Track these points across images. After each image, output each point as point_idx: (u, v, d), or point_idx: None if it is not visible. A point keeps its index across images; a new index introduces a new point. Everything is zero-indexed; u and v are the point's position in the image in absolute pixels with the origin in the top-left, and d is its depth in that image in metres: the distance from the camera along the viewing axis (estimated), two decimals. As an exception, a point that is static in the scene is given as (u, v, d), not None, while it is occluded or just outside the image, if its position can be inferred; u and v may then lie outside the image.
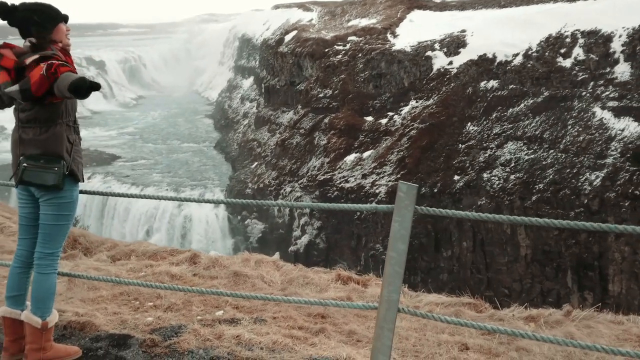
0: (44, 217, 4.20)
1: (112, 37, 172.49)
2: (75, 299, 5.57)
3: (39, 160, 4.01)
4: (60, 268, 6.58)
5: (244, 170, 49.90)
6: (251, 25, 77.47)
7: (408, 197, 3.52)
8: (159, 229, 44.47)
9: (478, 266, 34.15)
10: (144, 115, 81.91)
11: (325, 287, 5.90)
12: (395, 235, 3.54)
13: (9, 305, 4.37)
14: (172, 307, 5.38)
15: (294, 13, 62.06)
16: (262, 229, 43.17)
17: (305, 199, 40.60)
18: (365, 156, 39.47)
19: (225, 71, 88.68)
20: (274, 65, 52.93)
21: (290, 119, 47.16)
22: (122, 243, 7.91)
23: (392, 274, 3.56)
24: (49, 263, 4.26)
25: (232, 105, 68.85)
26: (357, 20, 50.83)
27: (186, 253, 6.84)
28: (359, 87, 42.79)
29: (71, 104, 4.16)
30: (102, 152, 58.39)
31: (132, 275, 6.32)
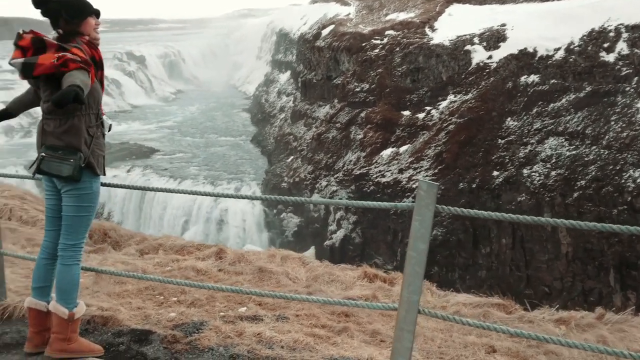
0: (65, 209, 4.23)
1: (152, 32, 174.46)
2: (102, 293, 5.58)
3: (58, 151, 4.04)
4: (89, 261, 6.65)
5: (279, 164, 49.97)
6: (289, 20, 77.52)
7: (429, 195, 3.40)
8: (196, 222, 44.81)
9: (517, 263, 33.61)
10: (182, 109, 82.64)
11: (351, 284, 5.80)
12: (415, 235, 3.43)
13: (35, 296, 4.41)
14: (196, 302, 5.35)
15: (331, 7, 61.86)
16: (297, 222, 43.20)
17: (341, 193, 40.48)
18: (402, 151, 39.15)
19: (263, 66, 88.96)
20: (311, 60, 52.84)
21: (327, 113, 47.03)
22: (150, 237, 7.93)
23: (412, 274, 3.45)
24: (72, 254, 4.28)
25: (268, 100, 69.01)
26: (395, 14, 50.43)
27: (212, 248, 6.82)
28: (396, 82, 42.44)
29: (92, 98, 4.15)
30: (142, 145, 59.03)
31: (158, 269, 6.32)
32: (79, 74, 3.82)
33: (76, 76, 3.78)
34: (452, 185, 35.18)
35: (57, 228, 4.35)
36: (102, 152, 4.30)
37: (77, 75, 3.80)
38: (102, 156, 4.30)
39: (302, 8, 77.49)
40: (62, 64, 3.82)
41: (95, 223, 8.37)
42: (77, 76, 3.78)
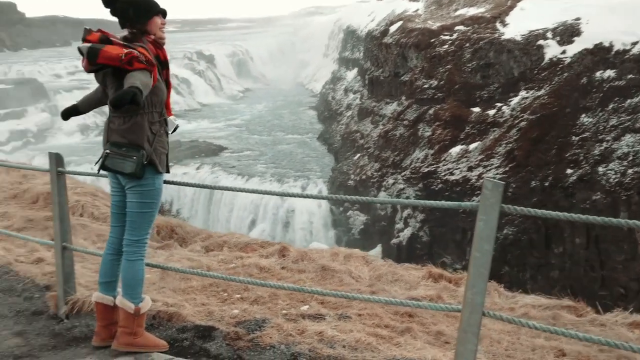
0: (129, 205, 4.31)
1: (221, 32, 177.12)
2: (167, 289, 5.66)
3: (121, 148, 4.11)
4: (156, 257, 6.76)
5: (346, 161, 49.92)
6: (356, 17, 77.34)
7: (494, 195, 3.28)
8: (264, 219, 45.24)
9: (592, 264, 32.58)
10: (250, 107, 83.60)
11: (415, 284, 5.70)
12: (479, 235, 3.31)
13: (102, 291, 4.50)
14: (259, 299, 5.35)
15: (399, 4, 61.33)
16: (364, 220, 43.07)
17: (409, 191, 40.14)
18: (472, 148, 38.52)
19: (330, 63, 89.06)
20: (378, 57, 52.54)
21: (394, 110, 46.69)
22: (216, 234, 8.02)
23: (476, 276, 3.34)
24: (136, 250, 4.35)
25: (335, 97, 69.02)
26: (464, 10, 49.62)
27: (276, 246, 6.83)
28: (465, 78, 41.77)
29: (156, 97, 4.20)
30: (210, 143, 59.98)
31: (222, 266, 6.36)
32: (141, 74, 3.87)
33: (137, 77, 3.82)
34: (523, 184, 34.41)
35: (122, 224, 4.42)
36: (165, 150, 4.35)
37: (139, 76, 3.84)
38: (165, 154, 4.35)
39: (370, 5, 77.14)
40: (127, 61, 3.87)
41: (163, 220, 8.52)
42: (138, 77, 3.82)
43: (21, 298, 5.45)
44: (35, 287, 5.65)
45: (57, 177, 4.94)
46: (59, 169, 4.94)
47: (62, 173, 4.95)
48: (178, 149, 57.01)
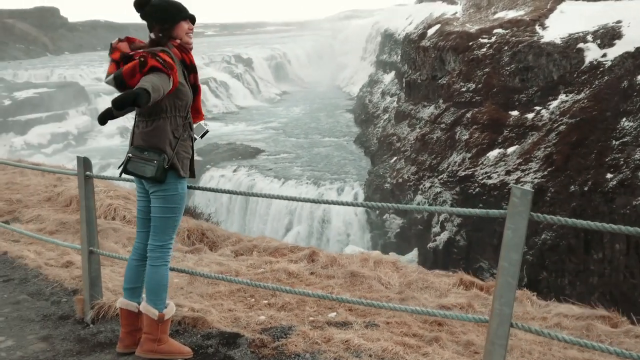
0: (153, 210, 4.28)
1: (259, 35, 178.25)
2: (195, 294, 5.63)
3: (143, 152, 4.09)
4: (185, 262, 6.75)
5: (382, 164, 49.71)
6: (394, 20, 77.18)
7: (522, 203, 3.16)
8: (299, 222, 45.30)
9: (632, 270, 31.82)
10: (287, 110, 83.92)
11: (446, 292, 5.58)
12: (508, 244, 3.20)
13: (126, 296, 4.48)
14: (286, 306, 5.29)
15: (437, 7, 61.07)
16: (400, 224, 42.83)
17: (445, 194, 39.81)
18: (510, 152, 38.01)
19: (367, 66, 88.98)
20: (416, 60, 52.27)
21: (431, 113, 46.38)
22: (246, 238, 7.99)
23: (504, 286, 3.23)
24: (159, 255, 4.31)
25: (372, 100, 68.86)
26: (503, 13, 49.10)
27: (305, 250, 6.76)
28: (504, 81, 41.28)
29: (180, 101, 4.17)
30: (247, 146, 60.32)
31: (251, 271, 6.33)
32: (154, 76, 3.83)
33: (148, 79, 3.79)
34: (562, 188, 33.83)
35: (148, 229, 4.40)
36: (188, 154, 4.30)
37: (151, 78, 3.81)
38: (189, 159, 4.31)
39: (408, 8, 76.97)
40: (142, 65, 3.85)
41: (194, 223, 8.52)
42: (149, 79, 3.79)
43: (49, 302, 5.47)
44: (63, 291, 5.68)
45: (84, 181, 4.95)
46: (86, 172, 4.96)
47: (90, 177, 4.96)
48: (215, 151, 57.47)
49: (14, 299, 5.60)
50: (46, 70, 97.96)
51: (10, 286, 5.92)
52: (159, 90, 3.81)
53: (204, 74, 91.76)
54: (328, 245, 43.16)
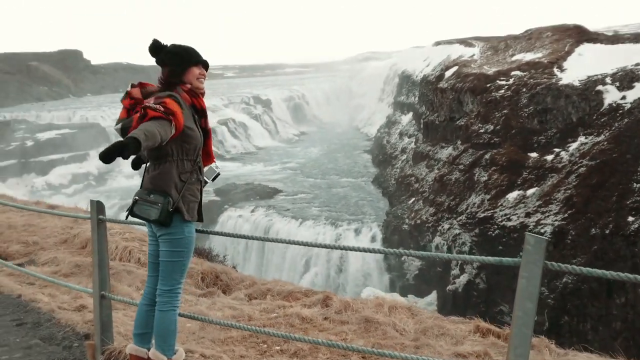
0: (160, 254, 4.27)
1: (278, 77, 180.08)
2: (207, 339, 5.56)
3: (149, 194, 4.08)
4: (198, 305, 6.68)
5: (401, 205, 49.54)
6: (411, 62, 77.66)
7: (536, 250, 3.10)
8: (317, 263, 45.07)
9: (655, 315, 31.23)
10: (305, 150, 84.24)
11: (462, 339, 5.45)
12: (522, 293, 3.12)
13: (136, 342, 4.42)
14: (299, 352, 5.20)
15: (455, 49, 61.41)
16: (419, 265, 42.45)
17: (464, 236, 39.51)
18: (529, 194, 37.74)
19: (385, 107, 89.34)
20: (434, 101, 52.48)
21: (449, 154, 46.34)
22: (260, 281, 7.92)
23: (519, 336, 3.14)
24: (167, 300, 4.27)
25: (390, 141, 68.99)
26: (521, 55, 49.32)
27: (319, 295, 6.68)
28: (522, 123, 41.23)
29: (188, 144, 4.16)
30: (265, 186, 60.43)
31: (264, 315, 6.24)
32: (151, 123, 3.84)
33: (143, 126, 3.80)
34: (583, 231, 33.42)
35: (157, 274, 4.36)
36: (196, 198, 4.27)
37: (146, 124, 3.82)
38: (196, 202, 4.28)
39: (425, 50, 77.44)
40: (143, 116, 3.87)
41: (208, 265, 8.47)
42: (144, 126, 3.80)
43: (60, 347, 5.42)
44: (75, 336, 5.63)
45: (97, 225, 4.94)
46: (99, 216, 4.94)
47: (103, 221, 4.95)
48: (233, 191, 57.65)
49: (25, 343, 5.56)
50: (68, 111, 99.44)
51: (22, 330, 5.88)
52: (154, 136, 3.79)
53: (223, 114, 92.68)
54: (346, 287, 42.82)
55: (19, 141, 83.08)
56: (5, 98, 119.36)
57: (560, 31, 50.19)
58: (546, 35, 50.77)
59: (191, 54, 4.25)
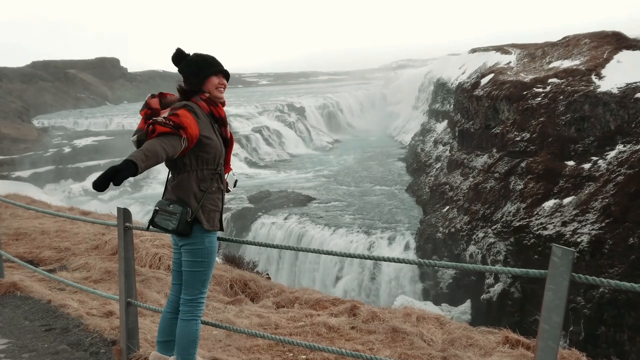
0: (183, 264, 4.27)
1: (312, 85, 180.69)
2: (233, 347, 5.53)
3: (169, 205, 4.08)
4: (226, 313, 6.67)
5: (435, 214, 49.19)
6: (447, 70, 77.26)
7: (563, 263, 3.00)
8: (350, 271, 44.93)
9: (694, 326, 30.45)
10: (339, 158, 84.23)
11: (490, 350, 5.34)
12: (548, 306, 3.04)
13: (159, 350, 4.43)
14: (324, 362, 5.14)
15: (491, 56, 60.94)
16: (452, 274, 42.05)
17: (499, 245, 39.07)
18: (566, 202, 37.17)
19: (420, 115, 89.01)
20: (469, 109, 52.12)
21: (485, 162, 45.93)
22: (288, 289, 7.88)
23: (545, 349, 3.06)
24: (189, 309, 4.26)
25: (424, 149, 68.64)
26: (558, 62, 48.74)
27: (347, 303, 6.62)
28: (559, 131, 40.69)
29: (206, 153, 4.12)
30: (299, 193, 60.53)
31: (291, 324, 6.20)
32: (156, 141, 3.83)
33: (146, 146, 3.79)
34: (620, 240, 32.78)
35: (181, 282, 4.36)
36: (217, 207, 4.24)
37: (151, 144, 3.81)
38: (217, 211, 4.25)
39: (461, 57, 76.95)
40: (151, 132, 3.87)
41: (237, 273, 8.46)
42: (147, 146, 3.79)
43: (87, 353, 5.45)
44: (102, 342, 5.65)
45: (124, 232, 4.95)
46: (126, 224, 4.95)
47: (129, 228, 4.96)
48: (267, 199, 57.86)
49: (54, 349, 5.60)
50: (105, 118, 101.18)
51: (51, 336, 5.93)
52: (156, 155, 3.76)
53: (257, 122, 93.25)
54: (379, 295, 42.62)
55: (57, 147, 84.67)
56: (44, 105, 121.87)
57: (599, 38, 49.48)
58: (584, 42, 50.09)
59: (210, 63, 4.24)
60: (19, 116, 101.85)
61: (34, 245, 9.87)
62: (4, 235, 10.39)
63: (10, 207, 13.04)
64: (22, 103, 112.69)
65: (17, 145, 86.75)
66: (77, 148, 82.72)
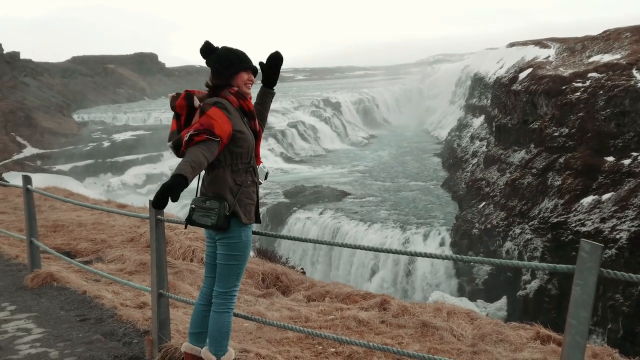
0: (218, 257, 4.30)
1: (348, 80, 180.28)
2: (263, 339, 5.58)
3: (205, 201, 4.12)
4: (257, 306, 6.73)
5: (471, 209, 48.77)
6: (484, 64, 76.42)
7: (592, 258, 2.97)
8: (384, 266, 44.81)
9: None
10: (374, 153, 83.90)
11: (521, 346, 5.29)
12: (576, 301, 3.01)
13: (191, 341, 4.48)
14: (353, 355, 5.17)
15: (529, 50, 60.13)
16: (488, 270, 41.65)
17: (536, 241, 38.59)
18: (605, 199, 36.54)
19: (456, 110, 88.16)
20: (507, 104, 51.52)
21: (522, 158, 45.39)
22: (319, 283, 7.92)
23: (572, 345, 3.03)
24: (222, 302, 4.31)
25: (461, 144, 68.05)
26: (598, 56, 47.83)
27: (377, 298, 6.62)
28: (598, 126, 39.98)
29: (239, 147, 4.16)
30: (334, 188, 60.49)
31: (321, 317, 6.23)
32: (198, 150, 3.93)
33: (190, 157, 3.90)
34: (661, 238, 32.16)
35: (214, 275, 4.41)
36: (252, 200, 4.28)
37: (194, 154, 3.91)
38: (253, 204, 4.29)
39: (499, 52, 76.03)
40: (188, 140, 3.97)
41: (269, 266, 8.52)
42: (191, 157, 3.90)
43: (120, 343, 5.55)
44: (135, 332, 5.75)
45: (155, 225, 5.02)
46: (158, 216, 5.02)
47: (161, 221, 5.02)
48: (302, 193, 57.98)
49: (88, 338, 5.72)
50: (143, 113, 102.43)
51: (85, 326, 6.05)
52: (201, 164, 3.92)
53: (293, 117, 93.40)
54: (413, 291, 42.44)
55: (96, 142, 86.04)
56: (84, 99, 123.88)
57: (640, 31, 48.47)
58: (625, 35, 49.08)
59: (242, 58, 4.26)
60: (60, 110, 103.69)
61: (71, 237, 10.07)
62: (42, 227, 10.62)
63: (49, 199, 13.31)
64: (62, 97, 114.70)
65: (58, 139, 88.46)
66: (116, 142, 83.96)
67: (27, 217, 7.89)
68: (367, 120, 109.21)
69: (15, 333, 5.96)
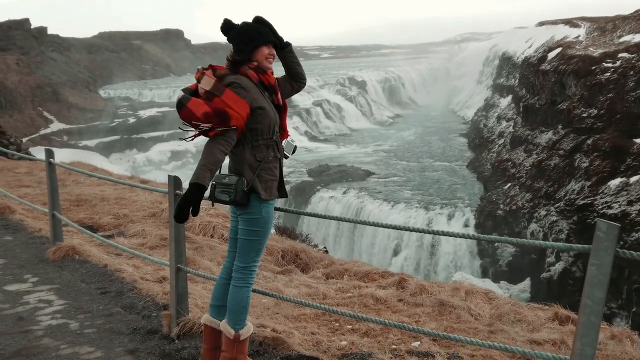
0: (239, 232, 4.33)
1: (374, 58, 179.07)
2: (280, 315, 5.63)
3: (224, 178, 4.13)
4: (275, 282, 6.78)
5: (496, 190, 48.44)
6: (513, 43, 75.45)
7: (608, 238, 2.94)
8: (407, 246, 44.77)
9: None
10: (399, 133, 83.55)
11: (539, 326, 5.27)
12: (591, 281, 2.98)
13: (211, 313, 4.53)
14: (369, 332, 5.19)
15: (559, 30, 59.22)
16: (512, 252, 41.44)
17: (562, 224, 38.25)
18: (633, 181, 36.05)
19: (483, 90, 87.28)
20: (535, 84, 50.91)
21: (549, 139, 44.89)
22: (338, 261, 7.93)
23: (587, 325, 3.01)
24: (241, 277, 4.34)
25: (487, 125, 67.46)
26: (630, 36, 46.92)
27: (395, 276, 6.62)
28: (628, 107, 39.33)
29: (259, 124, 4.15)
30: (358, 168, 60.42)
31: (339, 295, 6.26)
32: (214, 147, 3.96)
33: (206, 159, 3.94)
34: (690, 222, 31.71)
35: (236, 250, 4.44)
36: (274, 176, 4.28)
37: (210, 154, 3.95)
38: (275, 180, 4.29)
39: (528, 31, 75.00)
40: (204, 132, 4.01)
41: (289, 244, 8.56)
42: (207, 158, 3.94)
43: (140, 316, 5.63)
44: (155, 306, 5.83)
45: (174, 199, 5.06)
46: (176, 191, 5.06)
47: (179, 195, 5.06)
48: (326, 172, 58.00)
49: (108, 311, 5.81)
50: (169, 90, 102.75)
51: (106, 298, 6.15)
52: (218, 162, 3.98)
53: (318, 96, 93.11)
54: (436, 272, 42.39)
55: (122, 118, 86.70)
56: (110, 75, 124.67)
57: (674, 11, 47.44)
58: (658, 14, 48.09)
59: (261, 32, 4.24)
60: (86, 86, 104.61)
61: (93, 212, 10.21)
62: (66, 201, 10.77)
63: (73, 174, 13.48)
64: (89, 73, 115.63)
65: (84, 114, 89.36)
66: (142, 119, 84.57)
67: (50, 191, 8.00)
68: (393, 99, 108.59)
69: (36, 304, 6.07)
